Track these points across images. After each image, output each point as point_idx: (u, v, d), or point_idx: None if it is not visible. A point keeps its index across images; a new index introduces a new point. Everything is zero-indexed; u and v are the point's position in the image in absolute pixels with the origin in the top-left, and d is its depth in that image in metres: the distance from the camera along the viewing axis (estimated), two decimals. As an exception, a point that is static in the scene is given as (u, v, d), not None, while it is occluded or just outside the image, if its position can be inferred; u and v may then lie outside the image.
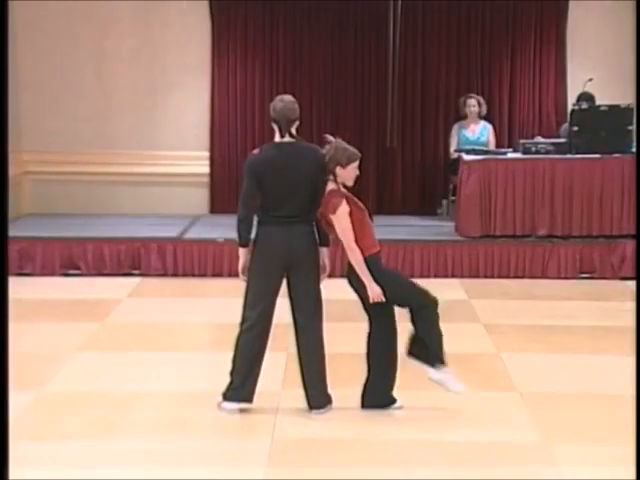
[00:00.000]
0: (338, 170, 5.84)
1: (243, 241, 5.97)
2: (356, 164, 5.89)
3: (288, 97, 6.08)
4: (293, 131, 5.97)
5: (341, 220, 5.79)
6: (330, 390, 6.02)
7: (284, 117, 5.93)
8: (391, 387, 6.03)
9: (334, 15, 11.71)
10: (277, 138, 5.99)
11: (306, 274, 5.93)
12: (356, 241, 5.82)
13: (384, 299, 5.79)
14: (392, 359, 6.00)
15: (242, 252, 5.98)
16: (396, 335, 5.98)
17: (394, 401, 6.04)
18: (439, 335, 5.88)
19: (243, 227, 5.93)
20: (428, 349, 5.86)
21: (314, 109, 11.81)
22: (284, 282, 5.98)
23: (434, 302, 5.89)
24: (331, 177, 5.86)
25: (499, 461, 5.31)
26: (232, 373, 5.99)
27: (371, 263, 5.85)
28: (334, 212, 5.79)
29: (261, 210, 5.92)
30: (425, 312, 5.85)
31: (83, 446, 5.51)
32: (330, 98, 11.86)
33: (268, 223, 5.89)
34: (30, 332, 7.99)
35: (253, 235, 5.99)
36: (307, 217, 5.89)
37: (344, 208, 5.79)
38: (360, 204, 5.96)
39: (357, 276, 5.84)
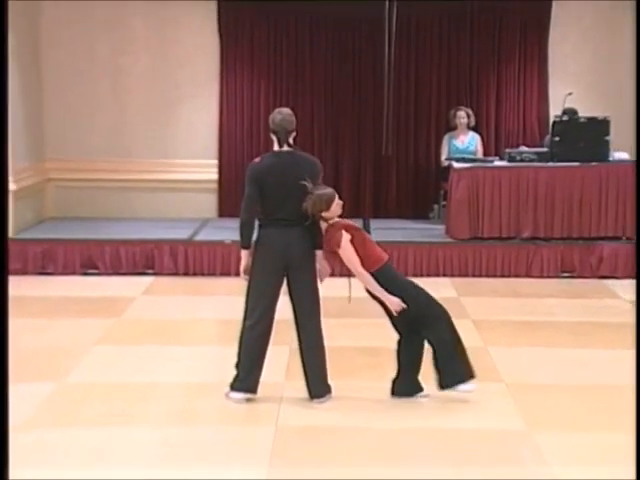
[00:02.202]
0: (324, 214, 5.84)
1: (245, 243, 5.96)
2: (336, 201, 5.86)
3: (286, 110, 6.08)
4: (291, 141, 5.97)
5: (346, 251, 5.79)
6: (330, 381, 6.00)
7: (283, 129, 5.93)
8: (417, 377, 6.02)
9: (333, 34, 11.69)
10: (276, 147, 6.00)
11: (303, 273, 5.90)
12: (364, 260, 5.79)
13: (405, 305, 5.74)
14: (419, 358, 5.98)
15: (244, 253, 5.97)
16: (423, 341, 5.94)
17: (421, 389, 6.02)
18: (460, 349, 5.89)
19: (245, 230, 5.92)
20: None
21: (315, 120, 11.80)
22: (285, 281, 5.95)
23: (447, 315, 5.87)
24: (321, 222, 5.86)
25: (485, 446, 5.30)
26: (237, 366, 5.98)
27: (384, 276, 5.81)
28: (339, 246, 5.79)
29: (262, 214, 5.91)
30: (442, 322, 5.84)
31: (100, 433, 5.49)
32: (330, 110, 11.84)
33: (268, 226, 5.88)
34: (52, 327, 7.99)
35: (255, 237, 5.97)
36: (303, 220, 5.86)
37: (346, 238, 5.79)
38: (354, 224, 5.96)
39: (383, 284, 5.81)
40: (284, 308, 6.01)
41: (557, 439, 5.39)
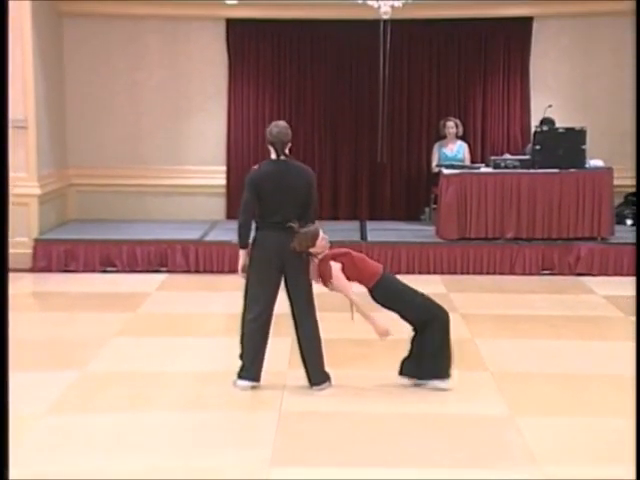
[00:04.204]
0: (312, 250, 5.83)
1: (242, 243, 5.97)
2: (321, 236, 5.84)
3: (282, 123, 6.07)
4: (287, 151, 5.96)
5: (339, 280, 5.80)
6: (328, 369, 6.01)
7: (279, 140, 5.93)
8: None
9: (332, 52, 11.70)
10: (273, 156, 5.99)
11: (298, 273, 5.89)
12: (361, 279, 5.80)
13: (391, 334, 5.74)
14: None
15: (242, 253, 5.98)
16: (448, 321, 5.89)
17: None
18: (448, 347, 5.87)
19: (243, 231, 5.93)
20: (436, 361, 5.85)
21: (315, 130, 11.81)
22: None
23: (446, 314, 5.87)
24: (312, 257, 5.85)
25: (472, 429, 5.30)
26: (241, 357, 5.99)
27: (383, 289, 5.80)
28: (332, 277, 5.79)
29: (259, 217, 5.91)
30: (436, 324, 5.83)
31: (119, 417, 5.50)
32: (329, 121, 11.84)
33: (264, 228, 5.89)
34: (73, 320, 7.99)
35: (252, 239, 5.98)
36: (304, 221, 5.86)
37: (336, 267, 5.80)
38: (340, 251, 5.93)
39: (382, 297, 5.81)
40: (285, 302, 6.01)
41: (538, 423, 5.40)
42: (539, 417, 5.53)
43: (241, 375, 5.99)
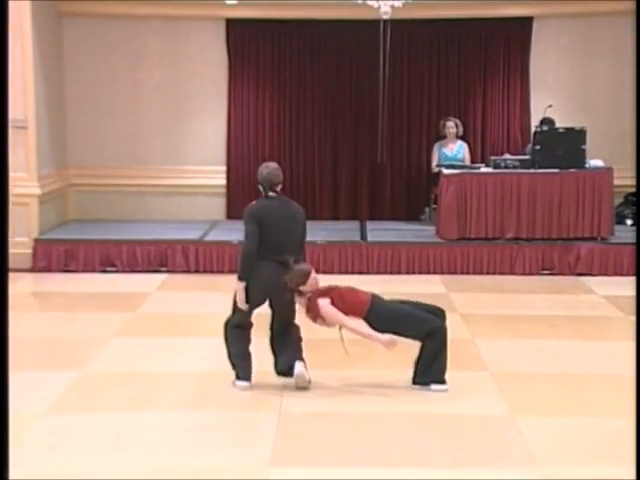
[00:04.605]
0: (302, 288, 5.87)
1: (244, 277, 5.92)
2: (313, 275, 5.90)
3: (273, 165, 6.17)
4: (278, 189, 6.05)
5: (331, 315, 5.84)
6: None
7: (268, 182, 6.04)
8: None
9: (332, 52, 11.70)
10: (271, 194, 6.06)
11: (285, 302, 5.97)
12: (350, 311, 5.82)
13: (397, 344, 5.77)
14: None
15: (240, 287, 5.93)
16: (445, 329, 5.93)
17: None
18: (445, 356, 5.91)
19: (247, 260, 5.90)
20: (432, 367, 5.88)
21: (315, 131, 11.81)
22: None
23: (441, 326, 5.89)
24: (300, 296, 5.89)
25: (472, 429, 5.31)
26: (230, 360, 6.04)
27: (375, 316, 5.83)
28: (322, 312, 5.84)
29: (258, 249, 5.93)
30: (435, 335, 5.85)
31: (119, 417, 5.51)
32: (329, 121, 11.84)
33: (261, 260, 5.89)
34: (74, 320, 8.00)
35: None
36: (297, 255, 5.98)
37: (325, 302, 5.83)
38: (327, 287, 5.97)
39: (377, 323, 5.82)
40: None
41: (538, 423, 5.40)
42: (539, 417, 5.53)
43: (239, 376, 6.01)
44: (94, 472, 4.67)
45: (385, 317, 5.85)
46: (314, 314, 5.90)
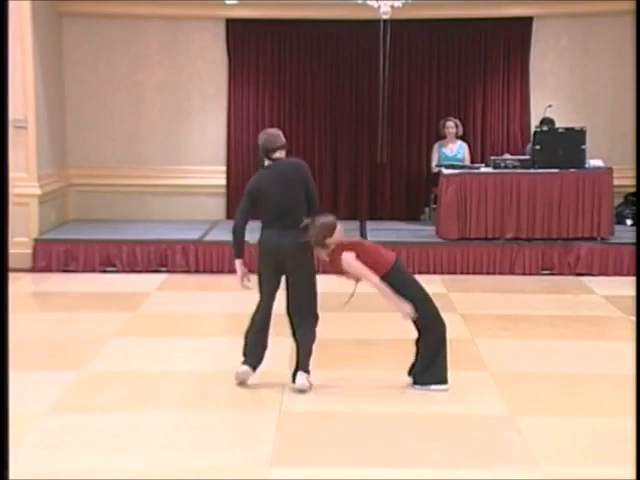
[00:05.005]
0: (328, 241, 5.76)
1: (235, 254, 5.99)
2: (338, 228, 5.79)
3: (271, 130, 6.19)
4: (277, 155, 5.99)
5: (357, 268, 5.71)
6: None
7: (264, 148, 6.04)
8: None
9: (332, 52, 11.72)
10: (266, 162, 6.07)
11: (297, 268, 5.88)
12: (374, 267, 5.71)
13: (415, 314, 5.70)
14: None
15: (238, 263, 5.99)
16: (444, 331, 5.90)
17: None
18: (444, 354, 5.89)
19: (234, 238, 5.97)
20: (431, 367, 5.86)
21: (315, 130, 11.82)
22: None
23: (442, 327, 5.87)
24: (324, 248, 5.77)
25: (472, 429, 5.30)
26: (245, 348, 6.02)
27: (392, 279, 5.72)
28: (347, 265, 5.72)
29: (263, 219, 5.95)
30: (434, 332, 5.83)
31: (119, 417, 5.50)
32: (329, 121, 11.85)
33: (267, 228, 5.92)
34: (74, 320, 7.99)
35: (257, 238, 5.99)
36: (298, 224, 5.83)
37: (350, 256, 5.72)
38: (351, 240, 5.91)
39: (395, 287, 5.74)
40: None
41: (538, 423, 5.40)
42: (539, 417, 5.52)
43: (243, 362, 6.01)
44: (94, 472, 4.67)
45: (402, 284, 5.76)
46: (340, 270, 5.79)
